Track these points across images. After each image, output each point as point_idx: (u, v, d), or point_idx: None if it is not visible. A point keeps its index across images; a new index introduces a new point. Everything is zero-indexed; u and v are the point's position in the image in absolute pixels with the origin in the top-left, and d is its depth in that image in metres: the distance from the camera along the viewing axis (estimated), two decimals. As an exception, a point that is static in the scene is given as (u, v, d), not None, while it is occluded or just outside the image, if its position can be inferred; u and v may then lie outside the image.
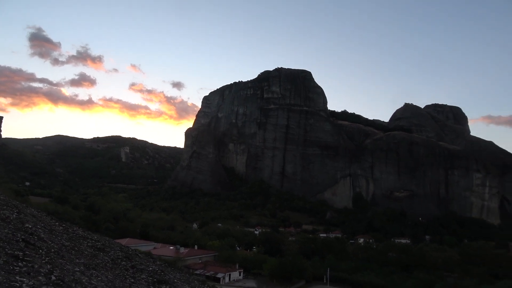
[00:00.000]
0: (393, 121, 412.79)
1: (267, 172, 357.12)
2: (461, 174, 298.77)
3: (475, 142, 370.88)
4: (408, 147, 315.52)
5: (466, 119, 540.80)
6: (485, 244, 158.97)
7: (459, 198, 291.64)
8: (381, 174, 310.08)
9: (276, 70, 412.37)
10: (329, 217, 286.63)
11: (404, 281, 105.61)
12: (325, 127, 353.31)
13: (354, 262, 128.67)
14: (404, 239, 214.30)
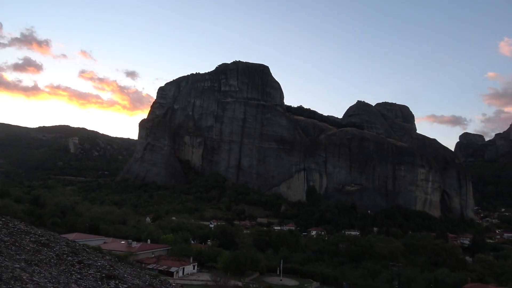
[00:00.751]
0: (346, 118, 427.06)
1: (223, 166, 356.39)
2: (407, 169, 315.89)
3: (421, 139, 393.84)
4: (359, 143, 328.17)
5: (413, 117, 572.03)
6: (426, 235, 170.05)
7: (405, 192, 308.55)
8: (334, 168, 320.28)
9: (234, 63, 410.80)
10: (284, 210, 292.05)
11: (353, 271, 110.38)
12: (282, 122, 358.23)
13: (306, 254, 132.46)
14: (354, 231, 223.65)
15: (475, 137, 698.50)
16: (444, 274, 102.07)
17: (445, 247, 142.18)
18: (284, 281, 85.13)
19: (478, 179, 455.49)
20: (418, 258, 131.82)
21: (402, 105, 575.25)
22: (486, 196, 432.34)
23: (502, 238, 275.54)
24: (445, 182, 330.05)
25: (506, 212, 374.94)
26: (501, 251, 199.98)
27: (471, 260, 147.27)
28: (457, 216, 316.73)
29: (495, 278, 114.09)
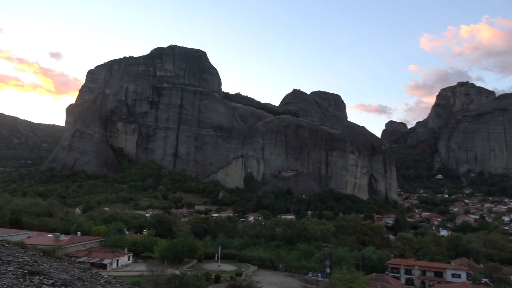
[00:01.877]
0: (283, 105, 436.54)
1: (159, 153, 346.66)
2: (339, 155, 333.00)
3: (351, 127, 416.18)
4: (295, 130, 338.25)
5: (344, 106, 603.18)
6: (355, 217, 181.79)
7: (337, 176, 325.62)
8: (270, 155, 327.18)
9: (170, 48, 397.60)
10: (222, 197, 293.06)
11: (289, 253, 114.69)
12: (219, 109, 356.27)
13: (244, 239, 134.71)
14: (289, 215, 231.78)
15: (399, 125, 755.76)
16: (371, 252, 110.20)
17: (371, 227, 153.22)
18: (222, 267, 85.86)
19: (401, 163, 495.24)
20: (348, 238, 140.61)
21: (334, 94, 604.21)
22: (408, 179, 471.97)
23: (420, 217, 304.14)
24: (372, 167, 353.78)
25: (424, 194, 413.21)
26: (419, 228, 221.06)
27: (394, 238, 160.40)
28: (383, 198, 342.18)
29: (414, 253, 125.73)
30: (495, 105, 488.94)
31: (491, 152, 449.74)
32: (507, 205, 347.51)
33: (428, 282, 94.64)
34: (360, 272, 75.28)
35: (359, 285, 58.51)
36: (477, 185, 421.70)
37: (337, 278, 62.58)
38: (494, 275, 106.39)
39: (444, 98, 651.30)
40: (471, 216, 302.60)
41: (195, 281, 53.14)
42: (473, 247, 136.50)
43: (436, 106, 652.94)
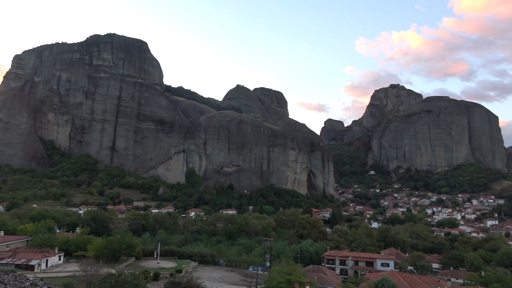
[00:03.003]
0: (226, 100, 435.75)
1: (95, 147, 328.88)
2: (280, 151, 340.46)
3: (292, 124, 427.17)
4: (238, 126, 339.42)
5: (286, 103, 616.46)
6: (295, 211, 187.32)
7: (278, 172, 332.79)
8: (213, 150, 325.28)
9: (108, 36, 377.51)
10: (162, 193, 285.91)
11: (230, 248, 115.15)
12: (161, 102, 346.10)
13: (185, 235, 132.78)
14: (231, 210, 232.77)
15: (337, 123, 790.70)
16: (308, 245, 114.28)
17: (309, 221, 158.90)
18: (161, 264, 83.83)
19: (338, 160, 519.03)
20: (287, 232, 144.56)
21: (277, 91, 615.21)
22: (344, 174, 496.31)
23: (354, 211, 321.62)
24: (312, 163, 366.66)
25: (358, 188, 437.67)
26: (354, 221, 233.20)
27: (330, 231, 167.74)
28: (321, 193, 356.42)
29: (348, 244, 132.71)
30: (422, 107, 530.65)
31: (417, 150, 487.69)
32: (430, 199, 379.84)
33: (360, 271, 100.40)
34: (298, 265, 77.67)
35: (297, 277, 60.39)
36: (405, 181, 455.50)
37: (276, 271, 64.04)
38: (418, 263, 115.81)
39: (377, 99, 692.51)
40: (399, 209, 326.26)
41: (132, 280, 51.23)
42: (400, 238, 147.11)
43: (370, 106, 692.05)
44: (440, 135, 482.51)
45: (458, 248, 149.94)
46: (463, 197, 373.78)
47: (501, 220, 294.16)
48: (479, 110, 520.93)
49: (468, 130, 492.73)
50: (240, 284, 74.45)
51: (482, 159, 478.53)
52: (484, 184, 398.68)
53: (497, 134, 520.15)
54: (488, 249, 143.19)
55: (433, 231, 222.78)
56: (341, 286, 77.12)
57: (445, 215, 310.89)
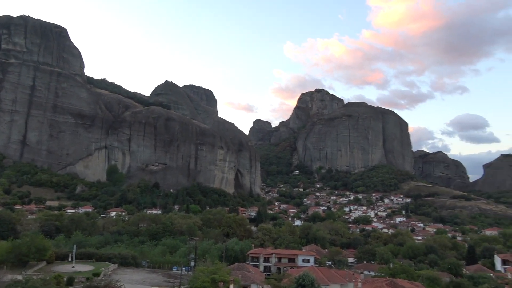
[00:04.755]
0: (154, 96, 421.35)
1: (1, 140, 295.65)
2: (208, 150, 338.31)
3: (221, 123, 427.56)
4: (165, 123, 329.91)
5: (216, 101, 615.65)
6: (221, 210, 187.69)
7: (205, 171, 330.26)
8: (138, 147, 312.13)
9: (21, 18, 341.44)
10: (80, 191, 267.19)
11: (153, 249, 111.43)
12: (81, 94, 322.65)
13: (104, 236, 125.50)
14: (156, 210, 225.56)
15: (265, 123, 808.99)
16: (234, 243, 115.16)
17: (236, 220, 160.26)
18: (77, 268, 78.13)
19: (265, 159, 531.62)
20: (213, 231, 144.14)
21: (207, 89, 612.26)
22: (270, 174, 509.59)
23: (279, 209, 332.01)
24: (239, 162, 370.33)
25: (283, 188, 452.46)
26: (278, 219, 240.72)
27: (256, 229, 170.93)
28: (247, 192, 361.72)
29: (272, 242, 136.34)
30: (343, 112, 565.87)
31: (338, 152, 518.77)
32: (348, 198, 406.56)
33: (283, 268, 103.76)
34: (223, 263, 77.79)
35: (222, 275, 60.41)
36: (326, 180, 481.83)
37: (200, 271, 63.42)
38: (336, 258, 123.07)
39: (303, 102, 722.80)
40: (321, 207, 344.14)
41: (41, 286, 46.98)
42: (321, 235, 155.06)
43: (297, 109, 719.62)
44: (358, 139, 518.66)
45: (371, 243, 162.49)
46: (376, 196, 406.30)
47: (408, 217, 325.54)
48: (392, 116, 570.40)
49: (382, 134, 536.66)
50: (163, 285, 72.44)
51: (394, 161, 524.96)
52: (395, 184, 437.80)
53: (406, 139, 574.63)
54: (396, 243, 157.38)
55: (350, 227, 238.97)
56: (264, 283, 78.85)
57: (360, 212, 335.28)
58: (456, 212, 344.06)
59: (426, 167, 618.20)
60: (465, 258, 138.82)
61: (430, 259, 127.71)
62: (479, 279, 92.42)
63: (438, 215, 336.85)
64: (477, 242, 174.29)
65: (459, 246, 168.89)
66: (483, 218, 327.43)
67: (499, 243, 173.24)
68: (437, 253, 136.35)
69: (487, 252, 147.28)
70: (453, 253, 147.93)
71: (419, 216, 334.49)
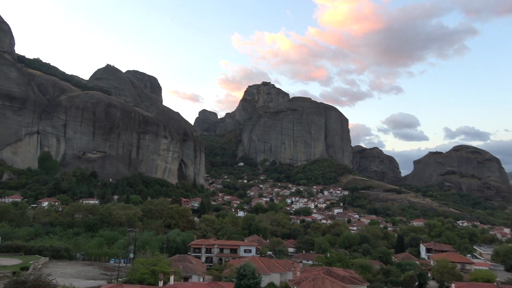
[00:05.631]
0: (93, 80, 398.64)
1: None
2: (152, 139, 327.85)
3: (166, 111, 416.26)
4: (105, 109, 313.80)
5: (160, 89, 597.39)
6: (163, 201, 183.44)
7: (148, 160, 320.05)
8: (74, 133, 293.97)
9: None
10: (7, 179, 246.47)
11: (89, 241, 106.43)
12: (10, 74, 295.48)
13: (34, 228, 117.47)
14: (93, 200, 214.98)
15: (211, 114, 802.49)
16: (175, 234, 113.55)
17: (178, 211, 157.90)
18: (2, 261, 72.33)
19: (210, 150, 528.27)
20: (154, 222, 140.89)
21: (151, 76, 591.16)
22: (215, 165, 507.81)
23: (223, 200, 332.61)
24: (184, 153, 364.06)
25: (227, 179, 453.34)
26: (222, 210, 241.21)
27: (198, 220, 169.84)
28: (191, 183, 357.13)
29: (215, 233, 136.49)
30: (288, 105, 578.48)
31: (282, 144, 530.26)
32: (290, 190, 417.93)
33: (224, 258, 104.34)
34: (164, 255, 76.52)
35: (162, 267, 59.39)
36: (270, 172, 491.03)
37: (140, 262, 61.86)
38: (276, 248, 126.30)
39: (250, 94, 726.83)
40: (264, 199, 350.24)
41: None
42: (263, 226, 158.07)
43: (243, 101, 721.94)
44: (301, 132, 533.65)
45: (310, 233, 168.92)
46: (317, 189, 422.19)
47: (345, 209, 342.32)
48: (334, 112, 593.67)
49: (324, 129, 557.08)
50: (99, 278, 69.59)
51: (334, 155, 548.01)
52: (334, 178, 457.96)
53: (346, 135, 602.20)
54: (334, 233, 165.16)
55: (291, 219, 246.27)
56: (206, 273, 78.78)
57: (301, 204, 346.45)
58: (388, 204, 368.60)
59: (363, 161, 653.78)
60: (394, 247, 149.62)
61: (364, 248, 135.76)
62: (405, 266, 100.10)
63: (372, 207, 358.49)
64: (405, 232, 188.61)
65: (390, 236, 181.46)
66: (412, 210, 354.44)
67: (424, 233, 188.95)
68: (370, 243, 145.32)
69: (414, 241, 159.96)
70: (384, 243, 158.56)
71: (355, 208, 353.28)
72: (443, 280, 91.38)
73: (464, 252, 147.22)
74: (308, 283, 52.84)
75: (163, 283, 49.02)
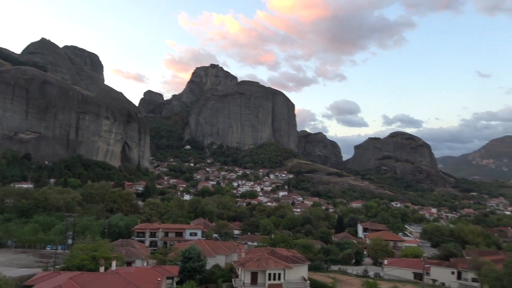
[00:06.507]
0: (26, 55, 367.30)
1: None
2: (92, 120, 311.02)
3: (108, 91, 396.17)
4: (40, 86, 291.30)
5: (102, 67, 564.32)
6: (105, 184, 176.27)
7: (88, 142, 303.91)
8: (4, 112, 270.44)
9: None
10: None
11: (22, 227, 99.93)
12: None
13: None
14: (26, 184, 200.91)
15: (156, 95, 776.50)
16: (118, 219, 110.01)
17: (121, 194, 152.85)
18: None
19: (155, 133, 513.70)
20: (95, 206, 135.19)
21: (92, 52, 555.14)
22: (160, 148, 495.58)
23: (168, 184, 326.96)
24: (127, 134, 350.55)
25: (173, 162, 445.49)
26: (167, 194, 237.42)
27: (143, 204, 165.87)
28: (135, 166, 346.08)
29: (159, 217, 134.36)
30: (236, 89, 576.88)
31: (230, 128, 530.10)
32: (237, 173, 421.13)
33: (169, 242, 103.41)
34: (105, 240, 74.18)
35: (103, 252, 57.53)
36: (217, 156, 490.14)
37: (79, 248, 59.39)
38: (222, 231, 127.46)
39: (198, 76, 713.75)
40: (210, 182, 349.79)
41: None
42: (209, 209, 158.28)
43: (191, 83, 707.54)
44: (249, 116, 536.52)
45: (256, 216, 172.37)
46: (263, 172, 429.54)
47: (289, 192, 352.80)
48: (281, 97, 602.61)
49: (271, 114, 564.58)
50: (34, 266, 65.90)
51: (280, 139, 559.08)
52: (280, 161, 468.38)
53: (293, 120, 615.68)
54: (278, 215, 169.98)
55: (237, 201, 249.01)
56: (150, 257, 77.63)
57: (248, 187, 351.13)
58: (330, 187, 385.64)
59: (308, 146, 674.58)
60: (335, 227, 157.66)
61: (306, 229, 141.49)
62: (344, 245, 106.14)
63: (315, 189, 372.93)
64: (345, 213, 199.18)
65: (331, 217, 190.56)
66: (351, 192, 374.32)
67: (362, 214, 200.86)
68: (312, 224, 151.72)
69: (352, 221, 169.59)
70: (325, 223, 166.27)
71: (299, 190, 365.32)
72: (377, 257, 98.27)
73: (397, 231, 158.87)
74: (252, 263, 54.14)
75: (104, 268, 47.58)
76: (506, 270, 44.70)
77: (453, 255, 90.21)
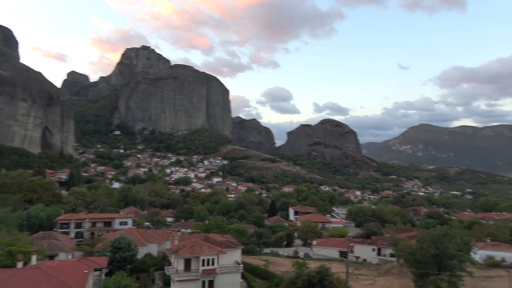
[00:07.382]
0: None
1: None
2: (6, 102, 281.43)
3: (25, 70, 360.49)
4: None
5: (17, 44, 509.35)
6: (23, 173, 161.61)
7: (2, 126, 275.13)
8: None
9: None
10: None
11: None
12: None
13: None
14: None
15: (81, 77, 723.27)
16: (39, 210, 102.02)
17: (41, 183, 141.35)
18: None
19: (81, 117, 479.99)
20: (11, 197, 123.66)
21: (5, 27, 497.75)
22: (86, 133, 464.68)
23: (95, 171, 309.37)
24: (48, 119, 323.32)
25: (101, 148, 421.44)
26: (94, 182, 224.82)
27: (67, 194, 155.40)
28: (57, 152, 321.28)
29: (86, 206, 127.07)
30: (169, 73, 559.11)
31: (162, 113, 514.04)
32: (170, 159, 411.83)
33: (97, 232, 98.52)
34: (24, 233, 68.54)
35: (22, 246, 53.01)
36: (149, 142, 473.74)
37: (-7, 244, 54.04)
38: (155, 219, 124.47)
39: (128, 58, 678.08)
40: (142, 169, 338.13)
41: None
42: (140, 197, 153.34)
43: (120, 64, 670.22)
44: (183, 101, 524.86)
45: (190, 202, 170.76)
46: (197, 158, 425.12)
47: (224, 178, 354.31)
48: (216, 83, 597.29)
49: (206, 99, 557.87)
50: None
51: (215, 125, 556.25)
52: (214, 147, 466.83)
53: (227, 106, 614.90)
54: (213, 201, 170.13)
55: (170, 188, 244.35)
56: (75, 250, 73.33)
57: (181, 174, 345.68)
58: (263, 172, 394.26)
59: (242, 132, 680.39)
60: (267, 211, 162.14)
61: (240, 214, 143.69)
62: (276, 228, 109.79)
63: (249, 175, 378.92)
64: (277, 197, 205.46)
65: (264, 201, 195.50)
66: (284, 177, 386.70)
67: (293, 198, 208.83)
68: (246, 208, 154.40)
69: (284, 205, 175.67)
70: (259, 208, 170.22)
71: (233, 176, 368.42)
72: (307, 238, 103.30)
73: (325, 213, 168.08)
74: (186, 250, 53.66)
75: (23, 263, 43.87)
76: (419, 245, 49.80)
77: (374, 233, 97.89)
